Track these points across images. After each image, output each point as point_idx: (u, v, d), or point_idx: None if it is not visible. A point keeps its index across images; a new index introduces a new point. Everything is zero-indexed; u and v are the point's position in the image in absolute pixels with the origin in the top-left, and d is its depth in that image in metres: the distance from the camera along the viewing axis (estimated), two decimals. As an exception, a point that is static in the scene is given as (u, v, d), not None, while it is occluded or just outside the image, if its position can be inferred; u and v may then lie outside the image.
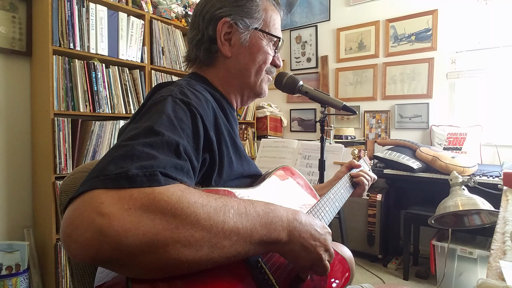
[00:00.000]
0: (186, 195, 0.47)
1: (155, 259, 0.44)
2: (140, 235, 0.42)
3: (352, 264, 1.09)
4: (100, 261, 0.43)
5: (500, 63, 2.41)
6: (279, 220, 0.56)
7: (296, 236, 0.58)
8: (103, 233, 0.41)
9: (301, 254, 0.60)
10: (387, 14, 2.86)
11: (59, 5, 1.85)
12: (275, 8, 0.83)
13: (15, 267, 1.79)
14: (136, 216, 0.43)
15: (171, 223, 0.44)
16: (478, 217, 1.31)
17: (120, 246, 0.41)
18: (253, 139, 3.37)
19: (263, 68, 0.81)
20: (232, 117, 0.80)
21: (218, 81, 0.82)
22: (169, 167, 0.49)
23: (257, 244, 0.53)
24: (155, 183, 0.46)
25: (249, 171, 0.75)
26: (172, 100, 0.60)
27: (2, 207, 1.91)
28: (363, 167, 1.16)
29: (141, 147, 0.49)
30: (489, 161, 2.42)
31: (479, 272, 1.95)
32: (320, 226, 0.64)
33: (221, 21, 0.76)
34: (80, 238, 0.41)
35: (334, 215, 0.89)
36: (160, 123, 0.54)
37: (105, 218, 0.41)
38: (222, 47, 0.78)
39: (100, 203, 0.42)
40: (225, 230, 0.48)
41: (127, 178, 0.45)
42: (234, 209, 0.51)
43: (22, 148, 1.99)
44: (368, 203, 2.53)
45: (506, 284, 0.49)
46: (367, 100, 3.01)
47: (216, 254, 0.48)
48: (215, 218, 0.48)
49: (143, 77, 2.34)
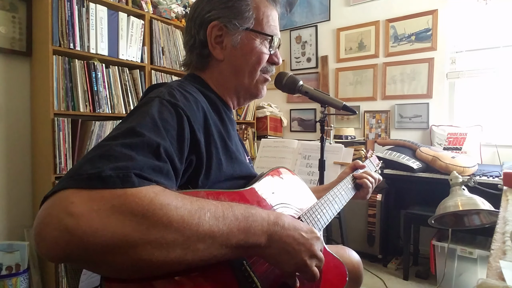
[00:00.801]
0: (159, 196, 0.47)
1: (125, 259, 0.44)
2: (108, 235, 0.42)
3: (360, 268, 1.06)
4: (68, 260, 0.43)
5: (500, 63, 2.41)
6: (259, 224, 0.55)
7: (276, 240, 0.57)
8: (70, 232, 0.41)
9: (283, 259, 0.58)
10: (387, 14, 2.86)
11: (59, 5, 1.85)
12: (269, 3, 0.81)
13: (15, 267, 1.79)
14: (105, 217, 0.43)
15: (141, 225, 0.44)
16: (478, 217, 1.31)
17: (87, 246, 0.42)
18: (253, 139, 3.37)
19: (257, 68, 0.80)
20: (228, 118, 0.79)
21: (213, 83, 0.81)
22: (146, 168, 0.49)
23: (234, 248, 0.52)
24: (128, 184, 0.46)
25: (240, 173, 0.74)
26: (159, 101, 0.61)
27: (2, 207, 1.91)
28: (368, 168, 1.13)
29: (120, 147, 0.50)
30: (489, 161, 2.42)
31: (479, 272, 1.95)
32: (306, 231, 0.62)
33: (211, 24, 0.76)
34: (48, 237, 0.42)
35: (331, 217, 0.88)
36: (142, 124, 0.55)
37: (73, 218, 0.42)
38: (214, 50, 0.77)
39: (70, 203, 0.43)
40: (200, 233, 0.48)
41: (99, 179, 0.45)
42: (211, 212, 0.50)
43: (22, 148, 1.99)
44: (368, 203, 2.53)
45: (506, 284, 0.49)
46: (367, 100, 3.01)
47: (190, 256, 0.48)
48: (189, 220, 0.48)
49: (143, 77, 2.34)
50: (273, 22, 0.81)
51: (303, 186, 0.86)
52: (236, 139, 0.82)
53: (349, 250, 1.10)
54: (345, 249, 1.10)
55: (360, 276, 1.07)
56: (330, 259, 0.81)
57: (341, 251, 1.07)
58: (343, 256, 1.03)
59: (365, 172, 1.09)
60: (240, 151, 0.79)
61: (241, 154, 0.79)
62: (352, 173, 1.08)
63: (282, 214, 0.61)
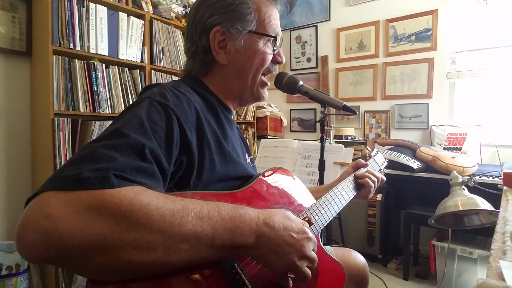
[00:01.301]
0: (139, 197, 0.46)
1: (105, 260, 0.44)
2: (86, 237, 0.42)
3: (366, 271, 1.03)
4: (49, 261, 0.43)
5: (500, 63, 2.41)
6: (247, 225, 0.55)
7: (264, 241, 0.56)
8: (47, 234, 0.42)
9: (271, 259, 0.57)
10: (387, 14, 2.86)
11: (59, 5, 1.85)
12: (269, 2, 0.80)
13: (15, 267, 1.79)
14: (82, 218, 0.43)
15: (120, 225, 0.44)
16: (478, 217, 1.31)
17: (64, 248, 0.42)
18: (253, 139, 3.37)
19: (260, 70, 0.80)
20: (226, 118, 0.78)
21: (215, 87, 0.80)
22: (128, 169, 0.49)
23: (220, 249, 0.52)
24: (106, 185, 0.45)
25: (235, 173, 0.72)
26: (148, 102, 0.61)
27: (2, 207, 1.91)
28: (371, 167, 1.11)
29: (103, 149, 0.50)
30: (489, 161, 2.42)
31: (479, 272, 1.95)
32: (297, 231, 0.60)
33: (213, 30, 0.75)
34: (26, 239, 0.42)
35: (330, 218, 0.86)
36: (129, 125, 0.54)
37: (49, 220, 0.42)
38: (218, 56, 0.77)
39: (47, 205, 0.43)
40: (182, 233, 0.48)
41: (77, 181, 0.45)
42: (195, 211, 0.50)
43: (22, 148, 1.99)
44: (368, 203, 2.53)
45: (506, 284, 0.49)
46: (367, 100, 3.01)
47: (173, 257, 0.47)
48: (171, 220, 0.47)
49: (143, 77, 2.34)
50: (275, 21, 0.81)
51: (301, 186, 0.85)
52: (235, 140, 0.81)
53: (355, 253, 1.08)
54: (351, 251, 1.08)
55: (366, 279, 1.04)
56: (328, 260, 0.80)
57: (347, 254, 1.05)
58: (349, 259, 1.02)
59: (368, 171, 1.07)
60: (238, 152, 0.78)
61: (239, 155, 0.78)
62: (354, 173, 1.06)
63: (274, 214, 0.60)
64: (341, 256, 0.80)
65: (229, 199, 0.63)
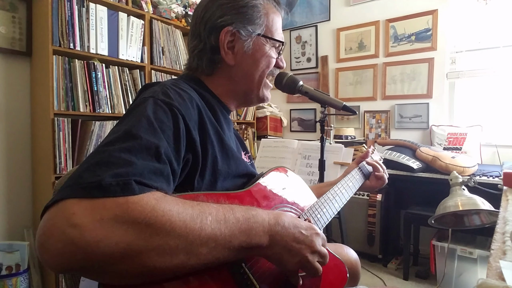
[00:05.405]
0: (160, 203, 0.47)
1: (129, 267, 0.44)
2: (112, 245, 0.43)
3: (358, 266, 1.08)
4: (72, 269, 0.43)
5: (500, 63, 2.41)
6: (260, 225, 0.56)
7: (278, 240, 0.58)
8: (74, 244, 0.41)
9: (285, 258, 0.59)
10: (387, 14, 2.86)
11: (59, 5, 1.85)
12: (276, 9, 0.82)
13: (15, 267, 1.79)
14: (108, 227, 0.43)
15: (145, 232, 0.44)
16: (478, 217, 1.30)
17: (91, 257, 0.42)
18: (253, 139, 3.37)
19: (266, 72, 0.81)
20: (224, 118, 0.78)
21: (216, 87, 0.80)
22: (146, 172, 0.49)
23: (237, 250, 0.53)
24: (128, 192, 0.45)
25: (237, 171, 0.73)
26: (153, 101, 0.60)
27: (2, 207, 1.91)
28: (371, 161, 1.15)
29: (118, 153, 0.49)
30: (489, 161, 2.42)
31: (479, 272, 1.95)
32: (305, 228, 0.62)
33: (224, 30, 0.75)
34: (52, 248, 0.42)
35: (335, 213, 0.88)
36: (139, 126, 0.54)
37: (76, 229, 0.42)
38: (226, 56, 0.77)
39: (72, 214, 0.43)
40: (202, 237, 0.48)
41: (100, 188, 0.45)
42: (212, 215, 0.51)
43: (22, 148, 1.99)
44: (368, 203, 2.53)
45: (506, 284, 0.49)
46: (367, 100, 3.01)
47: (193, 261, 0.48)
48: (192, 225, 0.48)
49: (143, 77, 2.34)
50: (279, 27, 0.83)
51: (303, 185, 0.86)
52: (233, 140, 0.81)
53: (347, 248, 1.12)
54: (343, 247, 1.12)
55: (358, 274, 1.09)
56: (331, 258, 0.80)
57: (339, 249, 1.09)
58: (341, 254, 1.05)
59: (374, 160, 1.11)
60: (238, 149, 0.79)
61: (239, 152, 0.79)
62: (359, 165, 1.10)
63: (282, 214, 0.61)
64: (335, 252, 0.81)
65: (237, 200, 0.64)
